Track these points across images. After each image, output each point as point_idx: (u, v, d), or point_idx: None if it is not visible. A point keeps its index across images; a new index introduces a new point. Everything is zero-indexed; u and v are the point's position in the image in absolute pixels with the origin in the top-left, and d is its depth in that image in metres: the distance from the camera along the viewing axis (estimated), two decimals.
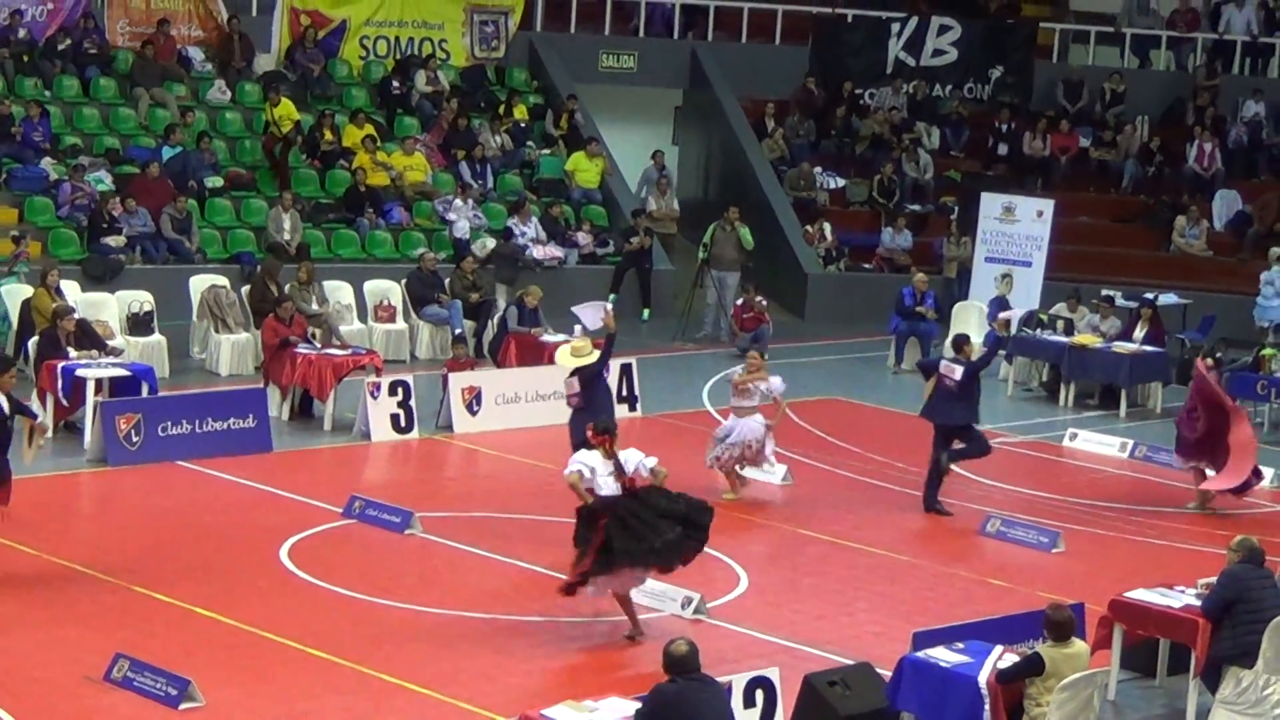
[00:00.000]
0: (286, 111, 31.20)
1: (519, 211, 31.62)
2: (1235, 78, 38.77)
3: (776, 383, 20.90)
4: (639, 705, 11.86)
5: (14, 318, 24.49)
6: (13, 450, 16.59)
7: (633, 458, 15.91)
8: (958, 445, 20.79)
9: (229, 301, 26.21)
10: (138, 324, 25.29)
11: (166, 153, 30.13)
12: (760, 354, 22.03)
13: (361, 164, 31.37)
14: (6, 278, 25.89)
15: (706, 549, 16.19)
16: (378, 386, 22.85)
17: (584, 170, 33.58)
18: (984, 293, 31.35)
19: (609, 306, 20.81)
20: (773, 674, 13.31)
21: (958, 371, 20.66)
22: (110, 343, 23.16)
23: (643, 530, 15.53)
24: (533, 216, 31.72)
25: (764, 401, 20.95)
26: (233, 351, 25.82)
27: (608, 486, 15.69)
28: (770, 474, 21.55)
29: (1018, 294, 30.60)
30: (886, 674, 13.84)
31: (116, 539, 17.81)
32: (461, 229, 31.08)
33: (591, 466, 15.74)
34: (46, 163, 29.09)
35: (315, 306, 26.05)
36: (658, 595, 16.80)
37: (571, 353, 19.26)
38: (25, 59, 30.75)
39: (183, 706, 13.65)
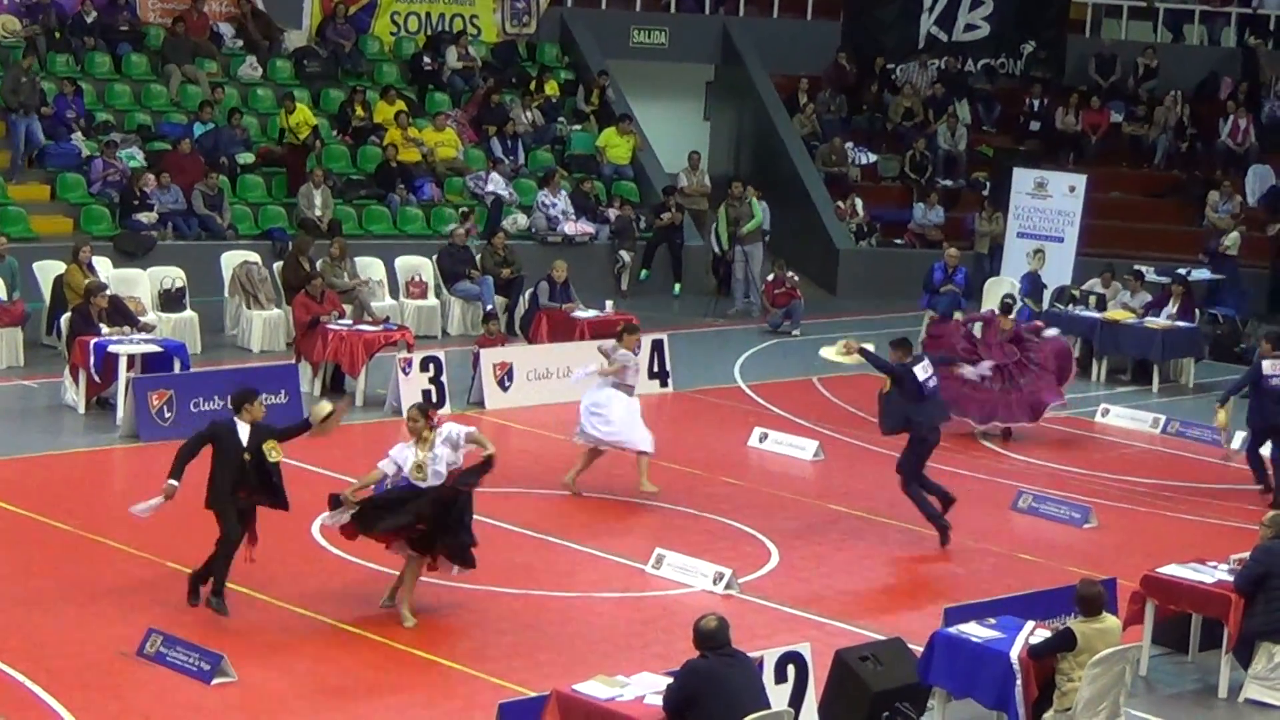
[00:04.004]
0: (303, 117, 31.01)
1: (548, 184, 31.63)
2: (1270, 52, 38.54)
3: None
4: (670, 680, 11.86)
5: (46, 294, 24.61)
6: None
7: (449, 431, 15.31)
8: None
9: (260, 278, 26.27)
10: (170, 300, 25.37)
11: (198, 129, 30.15)
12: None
13: (393, 140, 31.36)
14: None
15: (736, 524, 15.90)
16: (409, 362, 22.86)
17: (615, 146, 33.55)
18: (1016, 268, 31.26)
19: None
20: (804, 649, 13.30)
21: None
22: (142, 319, 23.22)
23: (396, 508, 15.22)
24: (562, 189, 31.72)
25: None
26: (264, 327, 25.88)
27: (436, 477, 15.15)
28: (801, 449, 21.60)
29: (1050, 270, 30.53)
30: (918, 649, 13.83)
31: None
32: (496, 190, 31.20)
33: (398, 463, 15.22)
34: (78, 139, 29.13)
35: (347, 282, 26.08)
36: (689, 570, 16.82)
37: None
38: (57, 35, 30.78)
39: (215, 681, 13.69)
